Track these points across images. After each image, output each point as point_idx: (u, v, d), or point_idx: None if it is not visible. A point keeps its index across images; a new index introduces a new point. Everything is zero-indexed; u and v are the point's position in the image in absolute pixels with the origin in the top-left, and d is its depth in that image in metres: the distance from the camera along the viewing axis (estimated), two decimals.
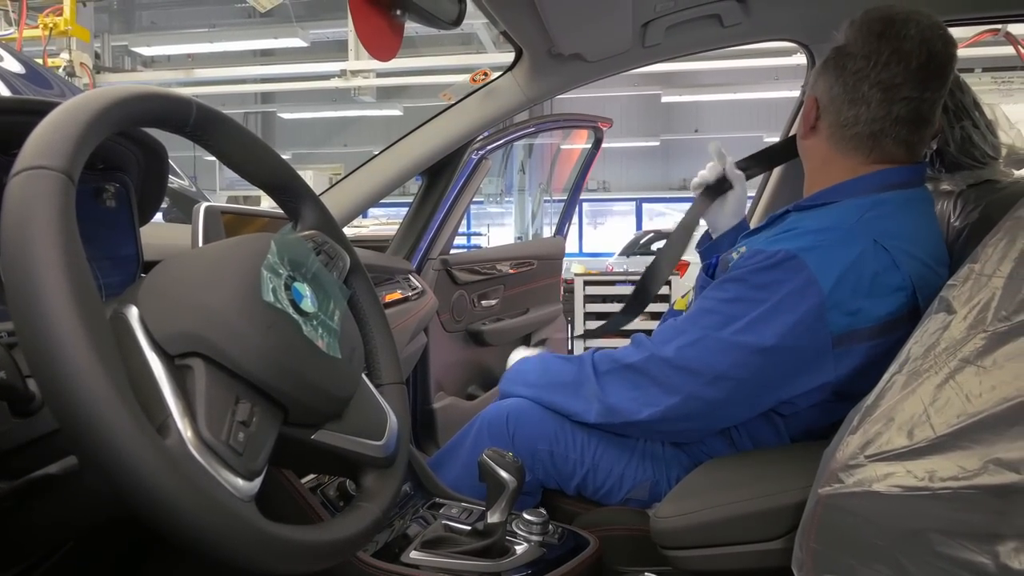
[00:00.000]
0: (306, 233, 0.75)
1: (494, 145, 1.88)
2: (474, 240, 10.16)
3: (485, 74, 1.47)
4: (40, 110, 0.50)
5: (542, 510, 1.02)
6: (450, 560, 0.92)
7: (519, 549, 0.96)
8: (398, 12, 0.99)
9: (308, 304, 0.60)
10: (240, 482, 0.48)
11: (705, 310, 1.00)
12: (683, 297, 1.24)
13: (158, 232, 1.13)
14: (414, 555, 0.93)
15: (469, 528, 1.00)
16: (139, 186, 0.78)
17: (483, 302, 2.05)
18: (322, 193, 1.55)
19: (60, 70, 4.86)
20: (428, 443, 1.83)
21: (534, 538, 0.99)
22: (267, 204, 1.43)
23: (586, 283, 5.21)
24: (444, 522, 1.02)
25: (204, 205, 0.96)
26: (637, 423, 1.03)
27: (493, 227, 10.66)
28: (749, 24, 1.41)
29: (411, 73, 7.59)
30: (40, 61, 4.85)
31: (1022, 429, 0.64)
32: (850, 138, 1.02)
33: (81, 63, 5.03)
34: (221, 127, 0.65)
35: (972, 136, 1.07)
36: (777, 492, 0.87)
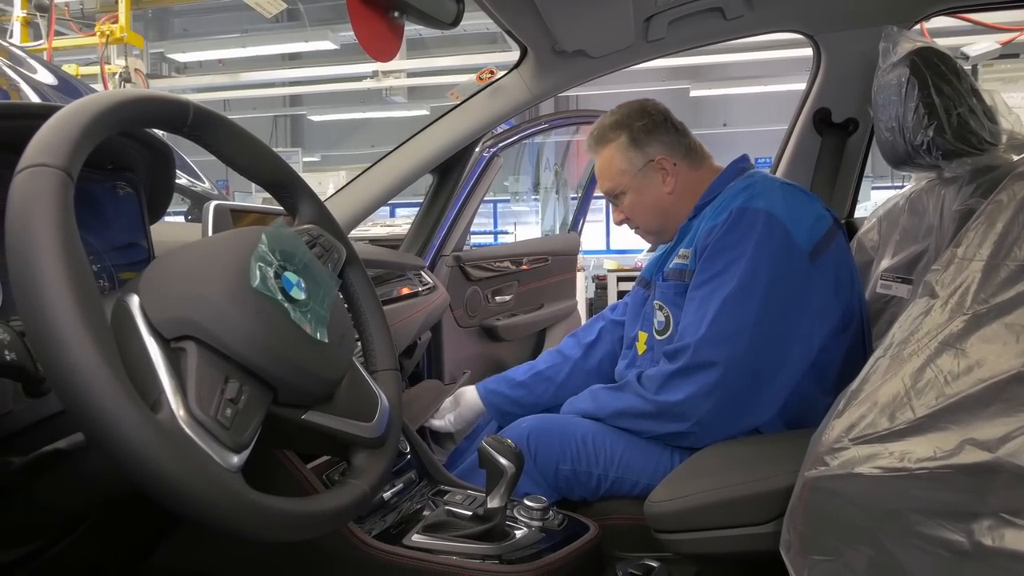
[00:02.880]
0: (303, 227, 0.78)
1: (506, 143, 1.91)
2: (501, 239, 10.16)
3: (491, 72, 1.49)
4: (45, 114, 0.54)
5: (543, 496, 1.04)
6: (450, 543, 0.95)
7: (519, 534, 0.98)
8: (396, 14, 1.02)
9: (298, 292, 0.63)
10: (226, 453, 0.52)
11: (708, 292, 1.09)
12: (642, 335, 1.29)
13: (176, 231, 1.19)
14: (416, 538, 0.96)
15: (470, 514, 1.03)
16: (148, 185, 0.82)
17: (497, 298, 2.07)
18: (335, 193, 1.60)
19: (116, 76, 4.99)
20: (443, 436, 1.86)
21: (534, 524, 1.01)
22: None
23: (619, 279, 5.60)
24: (447, 507, 1.05)
25: (214, 203, 1.01)
26: (702, 421, 1.06)
27: (520, 225, 10.65)
28: (752, 16, 1.41)
29: (441, 72, 7.64)
30: (97, 68, 5.02)
31: (997, 409, 0.65)
32: (700, 154, 1.29)
33: (136, 69, 5.13)
34: (218, 127, 0.69)
35: (969, 122, 1.06)
36: (768, 476, 0.89)
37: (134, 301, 0.57)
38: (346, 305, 0.83)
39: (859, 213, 1.69)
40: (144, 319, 0.56)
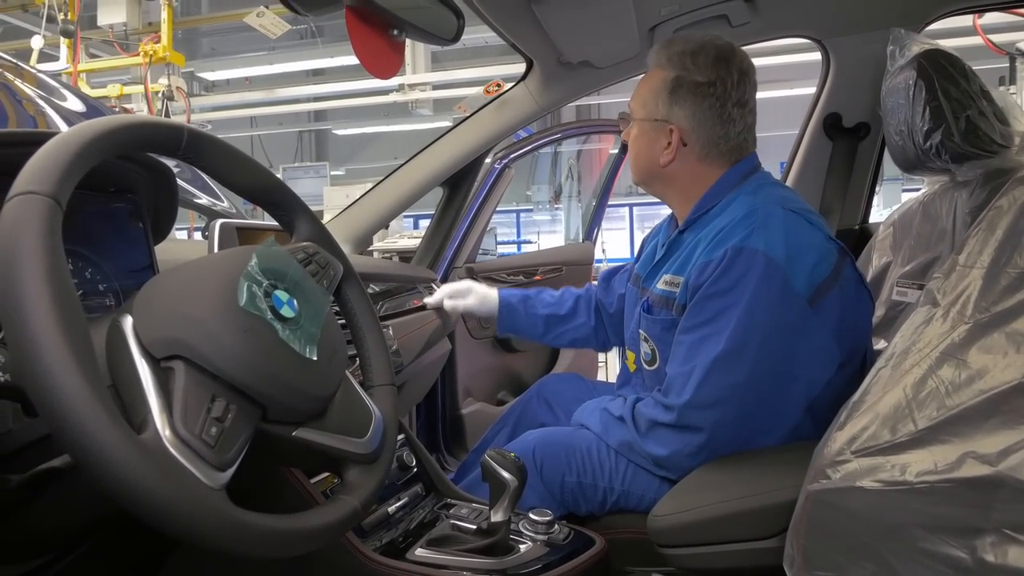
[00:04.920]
0: (300, 245, 0.80)
1: (518, 154, 1.91)
2: (524, 248, 10.16)
3: (498, 85, 1.51)
4: (40, 141, 0.56)
5: (548, 510, 1.03)
6: (454, 558, 0.95)
7: (523, 548, 0.98)
8: (395, 31, 1.03)
9: (288, 310, 0.64)
10: (211, 471, 0.52)
11: (696, 341, 1.02)
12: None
13: (182, 249, 1.21)
14: (419, 552, 0.96)
15: (475, 527, 1.03)
16: (151, 206, 0.84)
17: None
18: (346, 208, 1.62)
19: (159, 95, 5.13)
20: (457, 448, 1.86)
21: (539, 537, 1.00)
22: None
23: None
24: (451, 521, 1.05)
25: (220, 221, 1.03)
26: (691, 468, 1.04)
27: (544, 234, 10.65)
28: (758, 23, 1.40)
29: (467, 84, 7.70)
30: (139, 87, 5.13)
31: (998, 421, 0.63)
32: (722, 152, 1.12)
33: (177, 87, 5.28)
34: (213, 149, 0.70)
35: (979, 125, 1.04)
36: (772, 490, 0.87)
37: (127, 322, 0.58)
38: (343, 321, 0.84)
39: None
40: (136, 339, 0.57)
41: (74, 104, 2.15)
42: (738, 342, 0.98)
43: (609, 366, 3.73)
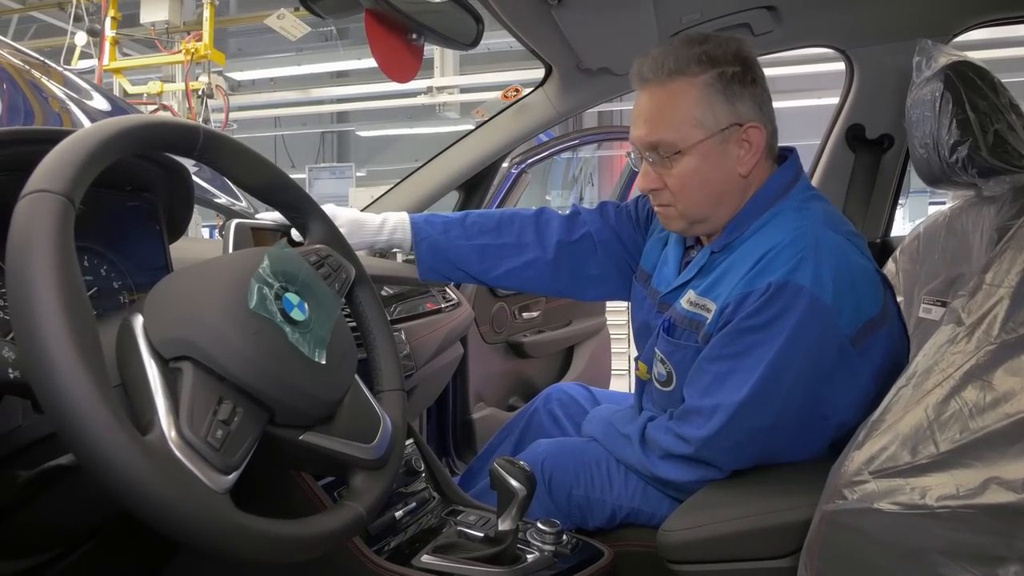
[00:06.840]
0: (312, 247, 0.79)
1: (535, 159, 1.91)
2: None
3: (516, 91, 1.50)
4: (57, 139, 0.56)
5: (556, 520, 1.02)
6: (460, 565, 0.94)
7: (530, 557, 0.97)
8: (414, 36, 1.03)
9: (298, 313, 0.64)
10: (215, 475, 0.52)
11: (722, 373, 0.94)
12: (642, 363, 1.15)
13: (198, 247, 1.21)
14: (425, 559, 0.95)
15: (482, 535, 1.02)
16: (167, 205, 0.85)
17: (524, 314, 2.06)
18: (363, 210, 1.62)
19: (199, 92, 5.22)
20: (467, 452, 1.86)
21: (547, 547, 0.99)
22: None
23: None
24: (459, 528, 1.04)
25: (235, 221, 1.03)
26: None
27: None
28: (781, 32, 1.39)
29: (495, 87, 7.68)
30: (182, 85, 5.26)
31: None
32: (773, 144, 1.01)
33: (217, 85, 5.35)
34: (228, 150, 0.70)
35: (1007, 139, 1.01)
36: (786, 508, 0.85)
37: (138, 321, 0.58)
38: (353, 324, 0.83)
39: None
40: (145, 339, 0.57)
41: (99, 103, 2.18)
42: (767, 385, 0.91)
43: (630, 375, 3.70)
